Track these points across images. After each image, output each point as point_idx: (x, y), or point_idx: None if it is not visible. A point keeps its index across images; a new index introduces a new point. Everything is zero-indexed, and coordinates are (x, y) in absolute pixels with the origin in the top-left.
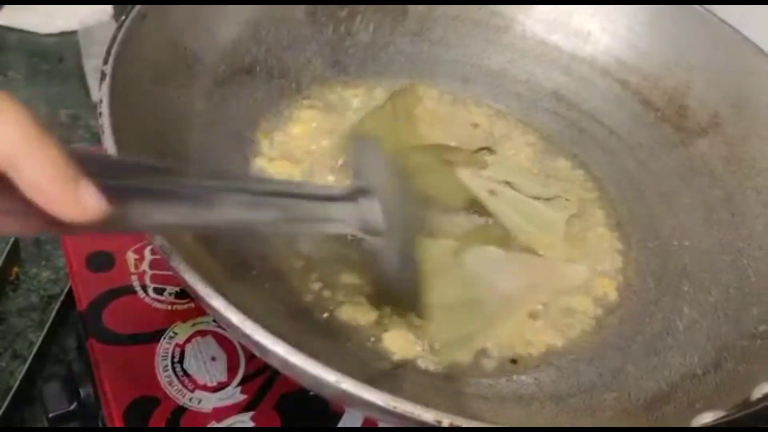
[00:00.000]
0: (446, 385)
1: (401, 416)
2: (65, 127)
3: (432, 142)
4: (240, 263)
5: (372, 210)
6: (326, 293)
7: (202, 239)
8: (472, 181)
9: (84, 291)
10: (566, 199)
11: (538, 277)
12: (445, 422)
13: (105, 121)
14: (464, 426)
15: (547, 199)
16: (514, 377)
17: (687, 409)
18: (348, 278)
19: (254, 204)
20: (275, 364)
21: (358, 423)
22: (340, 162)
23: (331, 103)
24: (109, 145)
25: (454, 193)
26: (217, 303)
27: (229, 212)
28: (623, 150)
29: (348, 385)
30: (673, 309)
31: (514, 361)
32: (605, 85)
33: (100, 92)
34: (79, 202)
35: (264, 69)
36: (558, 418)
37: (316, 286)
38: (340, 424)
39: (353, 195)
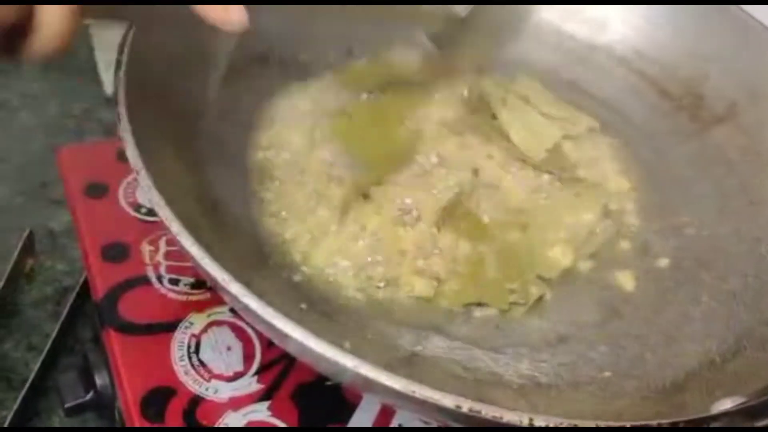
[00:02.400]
0: (465, 373)
1: (420, 401)
2: (78, 120)
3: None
4: (257, 253)
5: None
6: (344, 283)
7: (219, 227)
8: (491, 86)
9: (100, 281)
10: (572, 124)
11: None
12: (465, 407)
13: (122, 109)
14: (483, 411)
15: (554, 118)
16: (533, 365)
17: (706, 396)
18: (365, 269)
19: None
20: (294, 351)
21: (374, 412)
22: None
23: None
24: (126, 133)
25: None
26: (237, 290)
27: None
28: (639, 139)
29: (366, 370)
30: (691, 297)
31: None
32: (621, 75)
33: (115, 80)
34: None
35: (277, 58)
36: (576, 404)
37: (334, 276)
38: (356, 414)
39: None
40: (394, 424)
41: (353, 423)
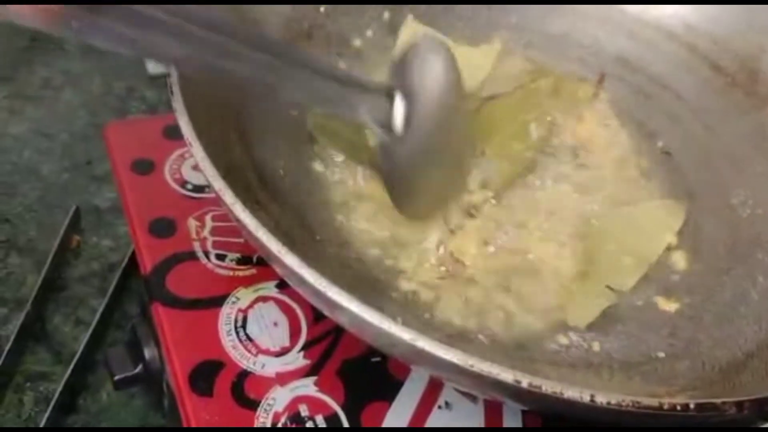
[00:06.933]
0: (515, 351)
1: (478, 376)
2: (120, 98)
3: None
4: (304, 229)
5: (395, 110)
6: (390, 262)
7: (268, 201)
8: None
9: (148, 256)
10: None
11: None
12: (525, 382)
13: (173, 80)
14: (544, 386)
15: None
16: (584, 345)
17: (765, 377)
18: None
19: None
20: (347, 323)
21: (420, 389)
22: None
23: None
24: (178, 104)
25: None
26: (292, 261)
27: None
28: (691, 116)
29: (423, 343)
30: (747, 278)
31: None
32: (672, 50)
33: None
34: None
35: (323, 35)
36: (628, 385)
37: (379, 253)
38: (403, 389)
39: (385, 90)
40: (440, 401)
41: (399, 399)
